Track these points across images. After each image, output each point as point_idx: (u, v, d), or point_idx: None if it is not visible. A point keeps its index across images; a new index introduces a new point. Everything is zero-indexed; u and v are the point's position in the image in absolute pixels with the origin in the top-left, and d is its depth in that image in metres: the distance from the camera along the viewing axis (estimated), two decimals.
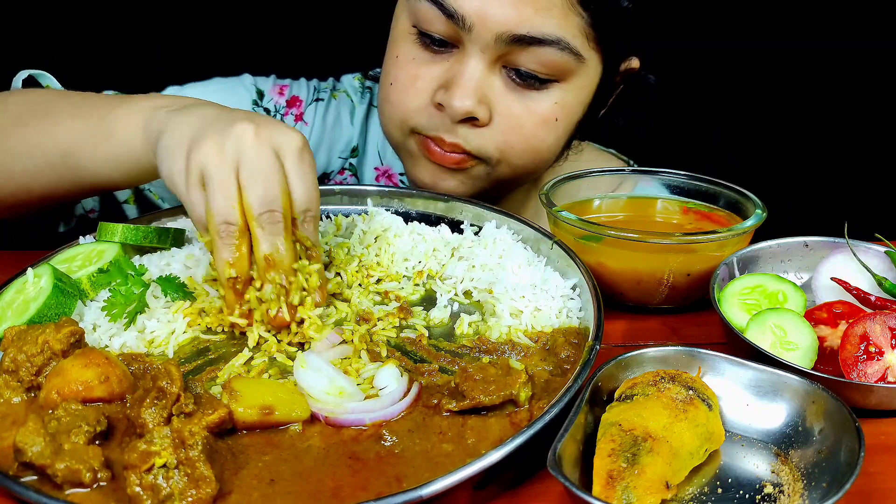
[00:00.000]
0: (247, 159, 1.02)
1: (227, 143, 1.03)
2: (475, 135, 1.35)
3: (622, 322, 1.24)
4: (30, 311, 1.05)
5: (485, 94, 1.33)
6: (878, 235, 1.22)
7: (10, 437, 0.88)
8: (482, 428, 0.92)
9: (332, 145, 1.72)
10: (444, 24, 1.30)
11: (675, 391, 0.91)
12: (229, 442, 0.89)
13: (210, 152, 1.02)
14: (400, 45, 1.39)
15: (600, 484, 0.81)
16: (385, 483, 0.84)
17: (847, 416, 0.87)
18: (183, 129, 1.08)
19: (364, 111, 1.74)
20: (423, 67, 1.36)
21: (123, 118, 1.19)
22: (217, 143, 1.03)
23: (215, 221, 1.02)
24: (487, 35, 1.28)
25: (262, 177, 1.02)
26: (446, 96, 1.32)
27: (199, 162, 1.02)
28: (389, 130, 1.45)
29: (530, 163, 1.41)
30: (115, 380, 0.94)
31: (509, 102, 1.34)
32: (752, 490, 0.87)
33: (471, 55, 1.31)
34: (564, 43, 1.29)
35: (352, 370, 1.01)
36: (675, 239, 1.19)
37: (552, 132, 1.39)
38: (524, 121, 1.35)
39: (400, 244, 1.27)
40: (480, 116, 1.32)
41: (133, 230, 1.20)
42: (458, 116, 1.32)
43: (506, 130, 1.35)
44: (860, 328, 1.02)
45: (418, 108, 1.37)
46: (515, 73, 1.32)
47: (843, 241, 1.22)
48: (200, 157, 1.02)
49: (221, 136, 1.03)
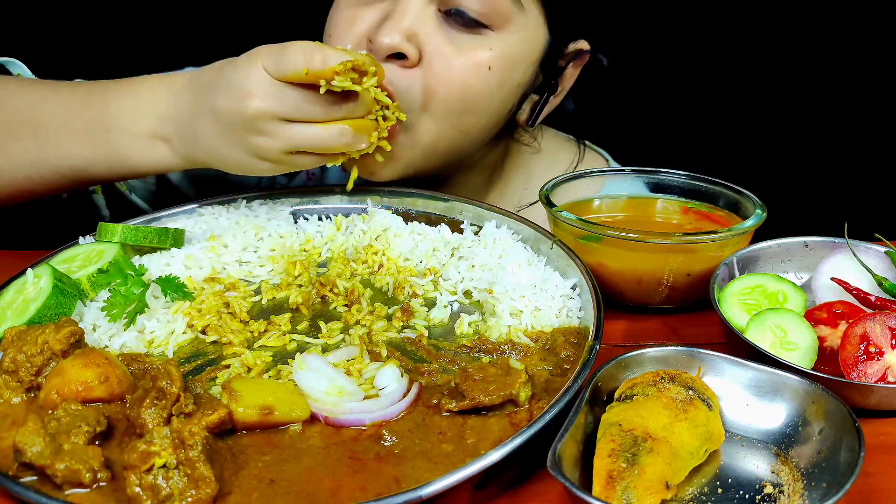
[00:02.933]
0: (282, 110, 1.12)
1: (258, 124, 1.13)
2: (402, 75, 1.30)
3: (622, 322, 1.23)
4: (29, 311, 1.05)
5: (415, 33, 1.30)
6: (878, 235, 1.22)
7: (10, 437, 0.88)
8: (482, 428, 0.92)
9: None
10: None
11: (675, 391, 0.90)
12: (229, 442, 0.89)
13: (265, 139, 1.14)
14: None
15: (600, 484, 0.81)
16: (385, 483, 0.84)
17: (847, 416, 0.87)
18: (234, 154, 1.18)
19: None
20: (361, 9, 1.34)
21: (132, 148, 1.25)
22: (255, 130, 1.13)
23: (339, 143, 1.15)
24: None
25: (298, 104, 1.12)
26: (375, 32, 1.30)
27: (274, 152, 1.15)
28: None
29: (456, 115, 1.34)
30: (115, 380, 0.94)
31: (440, 43, 1.31)
32: (752, 490, 0.86)
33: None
34: None
35: (353, 370, 1.01)
36: (675, 239, 1.19)
37: (483, 80, 1.33)
38: (453, 62, 1.31)
39: (400, 244, 1.27)
40: (409, 53, 1.29)
41: (133, 230, 1.20)
42: (384, 51, 1.28)
43: (433, 71, 1.31)
44: (860, 328, 1.02)
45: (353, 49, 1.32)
46: (450, 14, 1.30)
47: (843, 241, 1.22)
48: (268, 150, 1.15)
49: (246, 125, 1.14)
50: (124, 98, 1.26)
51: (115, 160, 1.26)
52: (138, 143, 1.24)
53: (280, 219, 1.33)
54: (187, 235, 1.27)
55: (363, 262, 1.25)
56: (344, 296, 1.18)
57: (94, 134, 1.26)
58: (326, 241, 1.30)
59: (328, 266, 1.24)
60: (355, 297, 1.17)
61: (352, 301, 1.17)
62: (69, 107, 1.31)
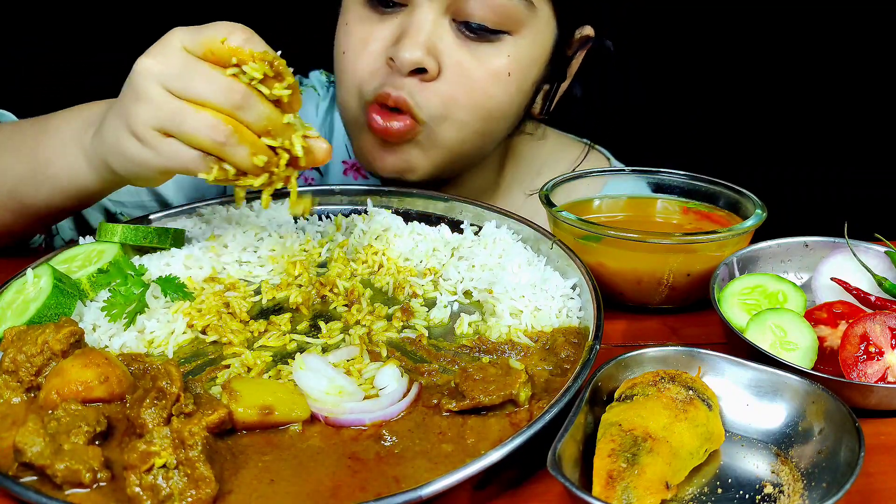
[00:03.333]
0: (170, 78, 1.01)
1: (140, 86, 1.02)
2: (422, 89, 1.32)
3: (622, 322, 1.23)
4: (29, 311, 1.05)
5: (434, 46, 1.31)
6: (878, 235, 1.22)
7: (10, 437, 0.88)
8: (482, 428, 0.92)
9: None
10: None
11: (675, 391, 0.90)
12: (229, 442, 0.89)
13: (143, 107, 1.02)
14: (349, 12, 1.38)
15: (600, 484, 0.81)
16: (385, 483, 0.84)
17: (847, 416, 0.87)
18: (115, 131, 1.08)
19: (327, 105, 1.72)
20: (374, 27, 1.34)
21: (54, 153, 1.20)
22: (138, 98, 1.03)
23: (208, 138, 1.01)
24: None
25: (192, 75, 1.01)
26: (395, 49, 1.30)
27: (143, 122, 1.03)
28: (346, 102, 1.41)
29: (476, 121, 1.37)
30: (115, 380, 0.94)
31: (459, 54, 1.32)
32: (752, 490, 0.86)
33: (419, 6, 1.30)
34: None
35: (353, 370, 1.01)
36: (675, 239, 1.19)
37: (503, 88, 1.35)
38: (474, 73, 1.33)
39: (400, 244, 1.27)
40: (429, 68, 1.30)
41: (132, 230, 1.20)
42: (406, 67, 1.29)
43: (454, 82, 1.32)
44: (860, 328, 1.02)
45: (373, 70, 1.34)
46: (466, 26, 1.31)
47: (843, 241, 1.22)
48: (139, 118, 1.03)
49: (133, 88, 1.03)
50: (66, 113, 1.25)
51: (39, 169, 1.21)
52: (59, 146, 1.20)
53: (280, 219, 1.33)
54: (187, 235, 1.27)
55: (363, 262, 1.25)
56: (344, 296, 1.18)
57: (27, 147, 1.24)
58: (326, 241, 1.29)
59: (328, 266, 1.24)
60: (355, 297, 1.17)
61: (352, 301, 1.17)
62: (10, 129, 1.31)
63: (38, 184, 1.22)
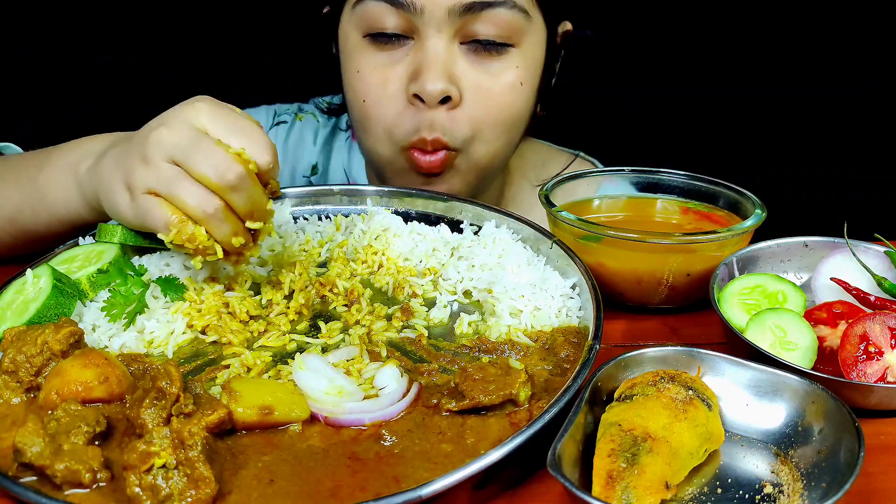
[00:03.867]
0: (177, 150, 1.03)
1: (149, 151, 1.04)
2: (449, 119, 1.37)
3: (622, 322, 1.23)
4: (29, 311, 1.05)
5: (452, 73, 1.35)
6: (877, 235, 1.22)
7: (10, 437, 0.88)
8: (482, 428, 0.92)
9: (296, 165, 1.74)
10: (395, 17, 1.33)
11: (674, 391, 0.90)
12: (229, 442, 0.89)
13: (144, 168, 1.04)
14: (357, 59, 1.40)
15: (600, 484, 0.81)
16: (384, 483, 0.84)
17: (847, 416, 0.87)
18: (111, 176, 1.10)
19: (328, 133, 1.76)
20: (388, 70, 1.38)
21: (51, 182, 1.23)
22: (142, 155, 1.05)
23: (199, 208, 1.03)
24: (439, 12, 1.31)
25: (196, 148, 1.03)
26: (419, 84, 1.34)
27: (140, 182, 1.05)
28: (377, 149, 1.45)
29: (503, 134, 1.43)
30: (115, 380, 0.94)
31: (475, 75, 1.37)
32: (752, 490, 0.86)
33: (428, 38, 1.33)
34: (512, 1, 1.33)
35: (353, 370, 1.01)
36: (674, 239, 1.19)
37: (519, 97, 1.41)
38: (493, 89, 1.38)
39: (399, 244, 1.27)
40: (453, 95, 1.35)
41: (132, 231, 1.20)
42: (435, 99, 1.34)
43: (476, 103, 1.37)
44: (860, 328, 1.02)
45: (397, 111, 1.38)
46: (474, 45, 1.35)
47: (843, 241, 1.22)
48: (138, 178, 1.05)
49: (142, 148, 1.05)
50: (67, 145, 1.27)
51: (37, 197, 1.24)
52: (56, 174, 1.23)
53: (280, 219, 1.33)
54: None
55: (363, 262, 1.25)
56: (344, 296, 1.18)
57: (27, 177, 1.27)
58: (326, 241, 1.30)
59: (328, 266, 1.24)
60: (355, 297, 1.17)
61: (352, 301, 1.17)
62: (14, 160, 1.34)
63: (37, 213, 1.26)
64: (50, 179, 1.23)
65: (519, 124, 1.46)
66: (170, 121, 1.06)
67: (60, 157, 1.24)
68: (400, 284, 1.20)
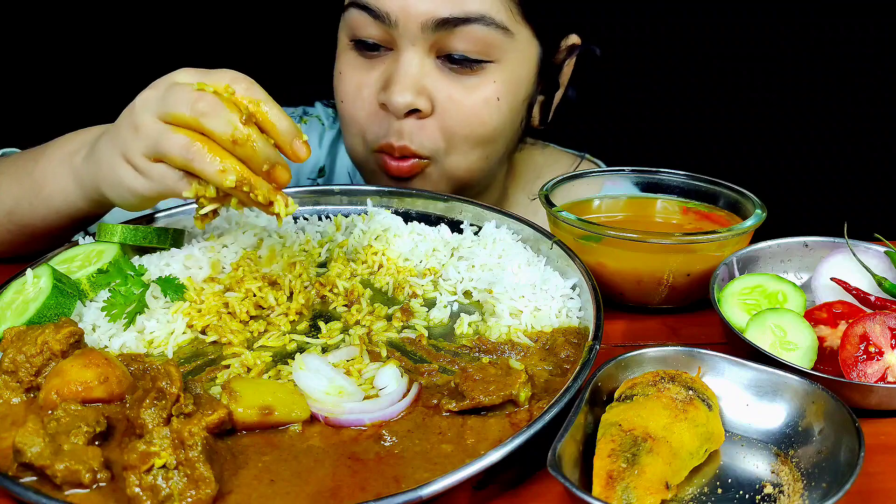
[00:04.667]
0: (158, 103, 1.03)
1: (136, 117, 1.04)
2: (419, 128, 1.38)
3: (622, 322, 1.23)
4: (29, 311, 1.05)
5: (423, 86, 1.36)
6: (877, 235, 1.22)
7: (10, 437, 0.88)
8: (482, 428, 0.92)
9: (301, 167, 1.75)
10: (374, 27, 1.35)
11: (675, 391, 0.90)
12: (229, 442, 0.89)
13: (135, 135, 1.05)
14: (341, 60, 1.44)
15: (600, 484, 0.81)
16: (384, 483, 0.84)
17: (847, 416, 0.87)
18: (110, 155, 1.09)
19: (333, 135, 1.77)
20: (364, 74, 1.40)
21: (48, 174, 1.23)
22: (131, 124, 1.05)
23: (179, 155, 1.02)
24: (413, 26, 1.32)
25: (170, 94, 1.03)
26: (386, 95, 1.36)
27: (136, 149, 1.05)
28: (353, 146, 1.48)
29: (477, 147, 1.42)
30: (115, 380, 0.94)
31: (448, 88, 1.37)
32: (752, 490, 0.86)
33: (403, 50, 1.35)
34: (489, 18, 1.32)
35: (353, 370, 1.01)
36: (674, 239, 1.19)
37: (495, 112, 1.40)
38: (465, 103, 1.38)
39: (400, 244, 1.27)
40: (422, 108, 1.35)
41: (132, 230, 1.20)
42: (400, 111, 1.35)
43: (448, 116, 1.38)
44: (860, 328, 1.02)
45: (368, 114, 1.40)
46: (449, 60, 1.35)
47: (843, 241, 1.22)
48: (133, 146, 1.05)
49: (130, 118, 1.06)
50: (62, 138, 1.27)
51: (34, 191, 1.24)
52: (52, 166, 1.23)
53: None
54: (187, 235, 1.27)
55: (363, 262, 1.25)
56: (344, 296, 1.18)
57: (25, 171, 1.27)
58: (326, 241, 1.29)
59: (328, 266, 1.24)
60: (355, 297, 1.17)
61: (352, 301, 1.17)
62: (14, 157, 1.34)
63: (34, 206, 1.25)
64: (46, 172, 1.23)
65: (497, 139, 1.45)
66: (152, 84, 1.07)
67: (56, 150, 1.24)
68: (400, 285, 1.20)
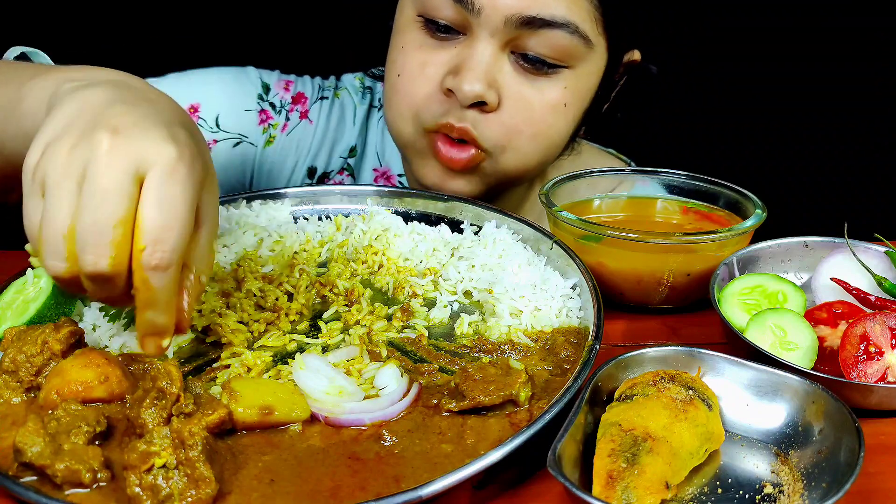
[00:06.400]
0: (91, 174, 0.84)
1: (76, 151, 0.85)
2: (483, 120, 1.33)
3: (622, 322, 1.23)
4: (29, 311, 1.05)
5: (494, 79, 1.32)
6: (878, 235, 1.22)
7: (10, 437, 0.88)
8: (482, 428, 0.92)
9: (335, 145, 1.71)
10: (451, 10, 1.30)
11: (675, 391, 0.90)
12: (229, 442, 0.89)
13: (57, 158, 0.85)
14: (406, 34, 1.37)
15: (600, 484, 0.81)
16: (384, 483, 0.84)
17: (847, 416, 0.87)
18: (58, 117, 0.91)
19: (364, 112, 1.73)
20: (432, 53, 1.35)
21: (35, 89, 1.05)
22: (69, 147, 0.86)
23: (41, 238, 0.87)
24: (497, 18, 1.27)
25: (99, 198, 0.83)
26: (456, 81, 1.30)
27: (43, 166, 0.86)
28: (399, 126, 1.41)
29: (538, 150, 1.39)
30: (115, 380, 0.94)
31: (519, 87, 1.33)
32: (752, 490, 0.86)
33: (479, 39, 1.30)
34: (574, 26, 1.28)
35: (353, 370, 1.01)
36: (675, 239, 1.19)
37: (562, 118, 1.38)
38: (534, 105, 1.34)
39: (400, 244, 1.27)
40: (490, 100, 1.31)
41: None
42: (468, 100, 1.30)
43: (515, 114, 1.34)
44: (860, 328, 1.02)
45: (428, 94, 1.35)
46: (524, 59, 1.32)
47: (843, 241, 1.22)
48: (46, 161, 0.86)
49: (78, 139, 0.86)
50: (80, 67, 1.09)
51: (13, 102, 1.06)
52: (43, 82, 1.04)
53: (280, 219, 1.33)
54: None
55: (363, 262, 1.25)
56: (344, 296, 1.18)
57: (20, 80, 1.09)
58: (326, 241, 1.29)
59: (328, 266, 1.24)
60: (355, 297, 1.17)
61: (352, 301, 1.17)
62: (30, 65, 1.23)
63: (7, 120, 1.09)
64: (35, 87, 1.06)
65: (557, 143, 1.42)
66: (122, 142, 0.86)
67: (60, 72, 1.07)
68: (400, 284, 1.20)
